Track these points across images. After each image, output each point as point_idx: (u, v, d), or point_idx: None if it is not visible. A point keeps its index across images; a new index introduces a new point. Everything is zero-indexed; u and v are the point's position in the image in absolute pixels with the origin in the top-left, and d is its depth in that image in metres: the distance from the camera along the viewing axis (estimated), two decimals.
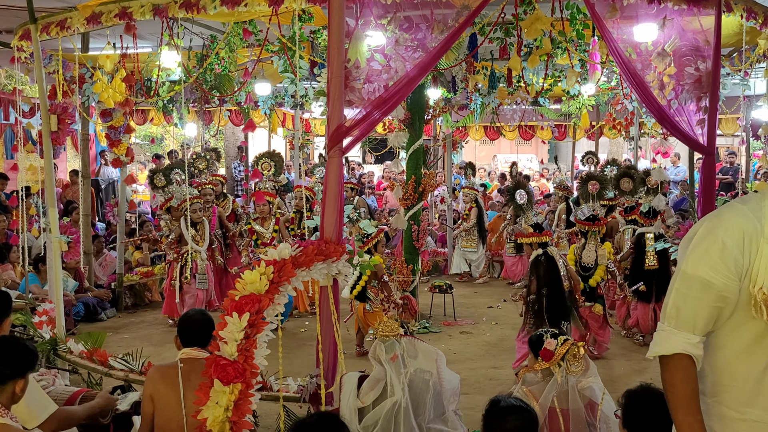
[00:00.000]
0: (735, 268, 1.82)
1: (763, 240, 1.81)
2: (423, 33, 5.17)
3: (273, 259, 3.29)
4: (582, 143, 17.26)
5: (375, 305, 6.49)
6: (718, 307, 1.86)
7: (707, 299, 1.86)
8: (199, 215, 7.77)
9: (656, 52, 4.91)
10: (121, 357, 5.05)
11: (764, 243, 1.81)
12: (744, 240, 1.82)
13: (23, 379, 2.90)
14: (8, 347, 2.92)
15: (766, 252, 1.80)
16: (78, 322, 7.63)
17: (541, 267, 5.82)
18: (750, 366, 1.87)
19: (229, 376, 2.94)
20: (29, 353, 2.99)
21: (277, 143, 15.90)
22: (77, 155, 13.34)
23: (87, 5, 4.91)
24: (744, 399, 1.87)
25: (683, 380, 1.88)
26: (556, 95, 10.62)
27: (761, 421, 1.85)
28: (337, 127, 3.96)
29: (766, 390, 1.85)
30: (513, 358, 6.08)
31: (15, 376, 2.85)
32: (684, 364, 1.88)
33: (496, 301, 9.19)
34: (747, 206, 1.86)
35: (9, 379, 2.83)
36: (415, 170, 7.61)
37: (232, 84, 8.39)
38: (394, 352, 3.83)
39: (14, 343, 3.01)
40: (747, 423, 1.87)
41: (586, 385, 3.50)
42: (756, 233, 1.81)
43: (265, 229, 8.02)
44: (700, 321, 1.88)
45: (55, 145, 5.80)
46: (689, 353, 1.88)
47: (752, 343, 1.87)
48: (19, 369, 2.88)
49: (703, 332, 1.89)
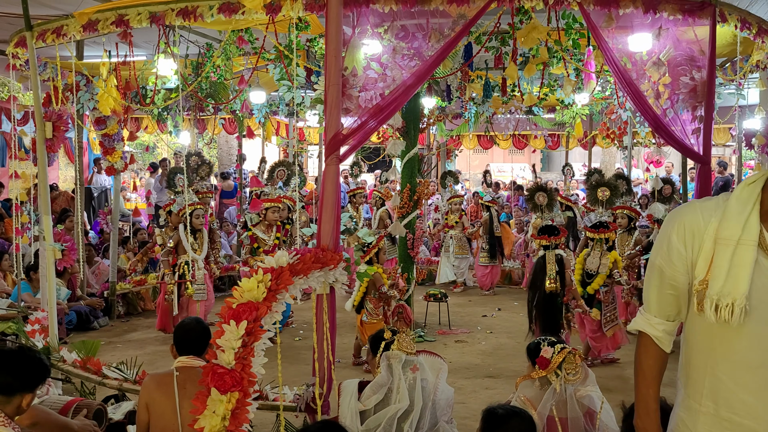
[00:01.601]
0: (679, 261, 1.97)
1: (707, 237, 1.91)
2: (419, 42, 5.18)
3: (270, 266, 3.28)
4: (575, 153, 17.32)
5: (372, 316, 6.44)
6: (672, 295, 2.03)
7: (661, 285, 2.04)
8: (201, 221, 7.61)
9: (651, 61, 4.93)
10: (115, 366, 5.01)
11: (708, 240, 1.91)
12: (686, 235, 1.95)
13: (31, 394, 2.86)
14: (23, 360, 2.87)
15: (707, 249, 1.91)
16: (70, 330, 7.57)
17: (537, 269, 6.01)
18: (707, 358, 1.94)
19: (226, 385, 2.92)
20: (42, 368, 2.94)
21: (271, 152, 15.88)
22: (70, 164, 13.30)
23: (83, 12, 4.89)
24: (704, 391, 1.94)
25: (642, 355, 2.11)
26: (550, 104, 10.67)
27: (716, 415, 1.92)
28: (334, 135, 3.95)
29: (720, 384, 1.90)
30: (508, 367, 6.07)
31: (24, 389, 2.81)
32: (644, 341, 2.12)
33: (491, 309, 9.19)
34: (704, 204, 1.97)
35: (18, 391, 2.79)
36: (410, 179, 7.62)
37: (227, 92, 8.39)
38: (414, 364, 3.84)
39: (29, 356, 2.94)
40: (706, 416, 1.94)
41: (585, 394, 3.48)
42: (700, 230, 1.92)
43: (268, 236, 7.96)
44: (655, 304, 2.08)
45: (49, 153, 5.76)
46: (647, 332, 2.09)
47: (706, 336, 1.94)
48: (29, 383, 2.84)
49: (661, 315, 2.07)
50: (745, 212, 1.88)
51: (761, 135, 6.87)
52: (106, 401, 4.63)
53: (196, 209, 7.43)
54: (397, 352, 3.86)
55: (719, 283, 1.85)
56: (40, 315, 5.83)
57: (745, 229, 1.86)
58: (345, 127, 4.04)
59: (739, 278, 1.84)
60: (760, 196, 1.90)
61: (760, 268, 1.85)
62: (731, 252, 1.85)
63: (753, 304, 1.82)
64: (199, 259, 7.56)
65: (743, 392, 1.87)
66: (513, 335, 7.71)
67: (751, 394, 1.86)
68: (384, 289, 6.38)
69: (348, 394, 3.84)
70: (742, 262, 1.84)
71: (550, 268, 5.99)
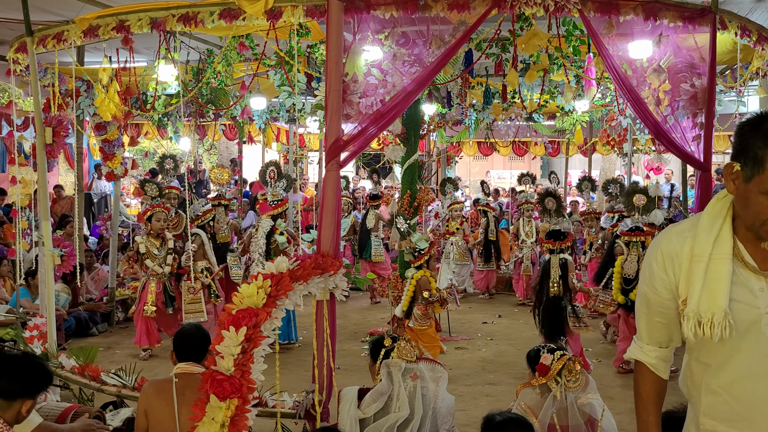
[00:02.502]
0: (662, 287, 1.97)
1: (684, 258, 1.92)
2: (420, 48, 5.20)
3: (270, 272, 3.27)
4: (575, 160, 17.33)
5: (419, 322, 6.27)
6: (661, 322, 2.04)
7: (649, 313, 2.06)
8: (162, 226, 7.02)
9: (652, 68, 4.94)
10: (114, 372, 4.98)
11: (686, 260, 1.91)
12: (665, 261, 1.96)
13: (32, 400, 2.84)
14: (27, 365, 2.85)
15: (686, 268, 1.91)
16: (69, 336, 7.54)
17: (542, 273, 6.16)
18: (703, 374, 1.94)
19: (225, 392, 2.91)
20: (45, 375, 2.92)
21: (271, 158, 15.88)
22: (70, 169, 13.30)
23: (84, 18, 4.90)
24: (701, 408, 1.95)
25: (639, 382, 2.12)
26: (550, 111, 10.68)
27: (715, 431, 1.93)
28: (335, 141, 3.96)
29: (717, 399, 1.91)
30: (509, 373, 6.05)
31: (25, 395, 2.79)
32: (640, 368, 2.12)
33: (491, 316, 9.16)
34: (678, 227, 1.99)
35: (18, 397, 2.77)
36: (410, 185, 7.61)
37: (228, 98, 8.39)
38: (414, 372, 3.82)
39: (33, 362, 2.93)
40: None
41: (586, 402, 3.47)
42: (677, 253, 1.93)
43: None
44: (645, 332, 2.09)
45: (49, 159, 5.76)
46: (641, 360, 2.10)
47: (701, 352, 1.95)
48: (30, 389, 2.82)
49: (653, 342, 2.08)
50: (716, 227, 1.89)
51: None
52: (104, 408, 4.61)
53: (156, 212, 6.95)
54: (397, 359, 3.84)
55: (695, 299, 1.86)
56: (38, 321, 5.80)
57: (716, 243, 1.87)
58: (345, 133, 4.04)
59: (716, 293, 1.83)
60: (731, 210, 1.90)
61: (739, 279, 1.85)
62: (704, 267, 1.86)
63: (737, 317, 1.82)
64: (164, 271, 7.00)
65: (738, 404, 1.86)
66: (514, 342, 7.68)
67: (746, 406, 1.85)
68: (426, 294, 6.19)
69: (348, 401, 3.82)
70: (716, 276, 1.84)
71: (554, 272, 6.11)
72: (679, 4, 4.53)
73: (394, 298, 7.25)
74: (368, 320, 8.88)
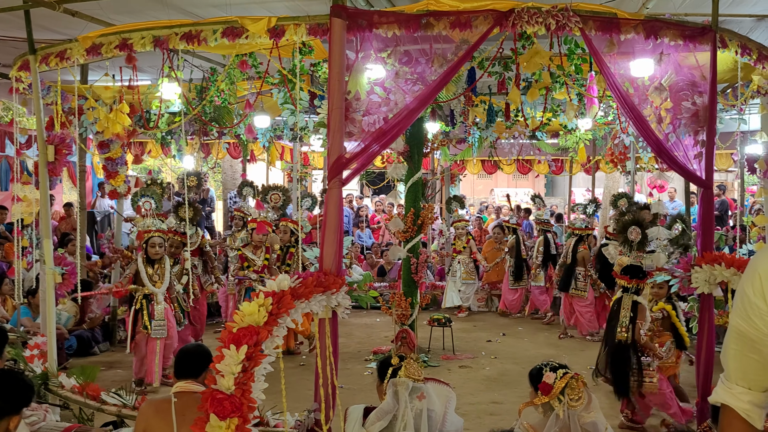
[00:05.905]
0: (759, 319, 1.63)
1: None
2: (422, 66, 5.21)
3: (272, 290, 3.25)
4: (578, 177, 17.32)
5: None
6: (756, 360, 1.68)
7: (741, 348, 1.71)
8: (158, 252, 6.72)
9: (653, 86, 4.95)
10: (114, 391, 4.95)
11: None
12: (763, 285, 1.61)
13: (18, 416, 2.82)
14: (8, 381, 2.83)
15: None
16: (71, 355, 7.51)
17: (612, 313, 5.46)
18: None
19: (225, 411, 2.87)
20: (27, 389, 2.90)
21: (275, 176, 15.93)
22: (74, 187, 13.33)
23: (87, 36, 4.93)
24: None
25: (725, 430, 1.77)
26: (553, 129, 10.71)
27: None
28: (337, 159, 3.96)
29: None
30: (513, 392, 5.98)
31: (11, 412, 2.77)
32: (728, 414, 1.75)
33: (495, 335, 9.11)
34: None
35: (5, 414, 2.75)
36: (413, 203, 7.60)
37: (231, 116, 8.42)
38: (422, 392, 3.75)
39: (14, 376, 2.91)
40: None
41: (589, 420, 3.43)
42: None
43: (257, 257, 7.97)
44: (736, 371, 1.74)
45: (52, 176, 5.78)
46: (729, 404, 1.74)
47: None
48: (15, 405, 2.80)
49: (744, 383, 1.72)
50: None
51: (763, 160, 6.85)
52: (105, 427, 4.57)
53: (153, 237, 6.70)
54: (405, 379, 3.76)
55: None
56: (39, 340, 5.78)
57: None
58: (348, 151, 4.04)
59: None
60: None
61: None
62: None
63: None
64: (159, 293, 6.63)
65: None
66: (518, 361, 7.63)
67: None
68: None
69: (353, 420, 3.78)
70: None
71: (624, 314, 5.33)
72: (680, 23, 4.55)
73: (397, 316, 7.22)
74: (372, 339, 8.83)
